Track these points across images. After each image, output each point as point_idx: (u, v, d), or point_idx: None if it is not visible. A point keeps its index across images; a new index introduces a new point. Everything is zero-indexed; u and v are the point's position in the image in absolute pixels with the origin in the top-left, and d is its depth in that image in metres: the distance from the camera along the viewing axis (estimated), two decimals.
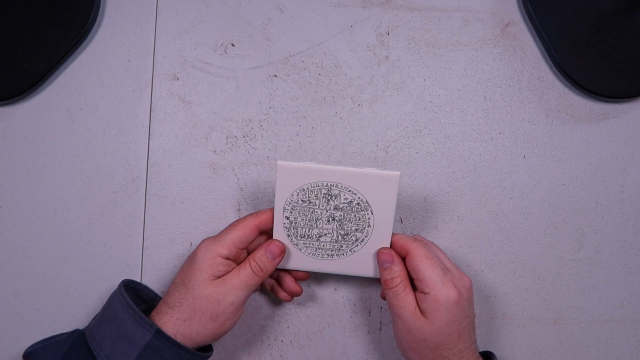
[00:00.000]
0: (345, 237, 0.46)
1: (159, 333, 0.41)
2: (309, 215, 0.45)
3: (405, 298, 0.43)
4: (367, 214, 0.45)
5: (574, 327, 0.53)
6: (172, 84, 0.54)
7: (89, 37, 0.54)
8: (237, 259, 0.45)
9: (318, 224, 0.46)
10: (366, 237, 0.46)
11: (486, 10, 0.55)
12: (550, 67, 0.55)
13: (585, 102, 0.55)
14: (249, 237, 0.45)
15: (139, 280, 0.53)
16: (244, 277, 0.44)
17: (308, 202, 0.45)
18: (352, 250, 0.47)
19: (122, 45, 0.55)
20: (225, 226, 0.47)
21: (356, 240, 0.46)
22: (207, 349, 0.46)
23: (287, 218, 0.46)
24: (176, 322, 0.43)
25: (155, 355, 0.41)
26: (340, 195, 0.45)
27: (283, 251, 0.46)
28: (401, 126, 0.54)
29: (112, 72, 0.54)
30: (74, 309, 0.53)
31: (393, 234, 0.46)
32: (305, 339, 0.53)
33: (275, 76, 0.55)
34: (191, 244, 0.53)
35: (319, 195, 0.45)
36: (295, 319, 0.53)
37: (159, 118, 0.54)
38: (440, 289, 0.42)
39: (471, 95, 0.55)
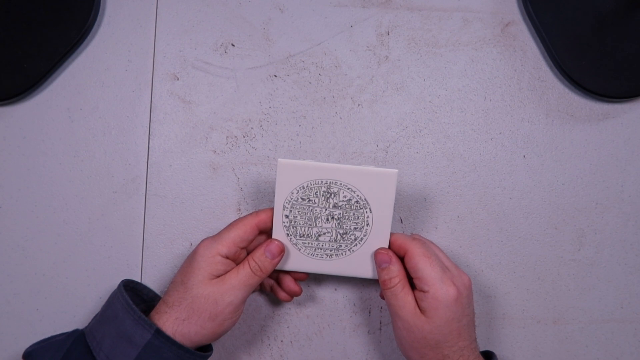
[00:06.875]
0: (344, 236, 0.46)
1: (159, 333, 0.41)
2: (308, 214, 0.45)
3: (404, 297, 0.43)
4: (366, 212, 0.45)
5: (574, 327, 0.53)
6: (172, 84, 0.54)
7: (89, 37, 0.54)
8: (237, 259, 0.45)
9: (317, 222, 0.46)
10: (365, 236, 0.46)
11: (486, 10, 0.55)
12: (550, 67, 0.55)
13: (585, 102, 0.55)
14: (248, 235, 0.45)
15: (139, 280, 0.53)
16: (242, 276, 0.44)
17: (307, 200, 0.45)
18: (351, 250, 0.46)
19: (122, 45, 0.55)
20: (225, 226, 0.47)
21: (355, 239, 0.46)
22: (206, 348, 0.46)
23: (287, 217, 0.46)
24: (175, 322, 0.43)
25: (155, 355, 0.41)
26: (339, 193, 0.45)
27: (282, 250, 0.46)
28: (401, 126, 0.54)
29: (112, 72, 0.54)
30: (74, 309, 0.53)
31: (391, 234, 0.46)
32: (305, 339, 0.53)
33: (275, 76, 0.55)
34: (191, 244, 0.53)
35: (318, 193, 0.45)
36: (295, 319, 0.53)
37: (159, 118, 0.54)
38: (439, 287, 0.42)
39: (471, 95, 0.55)
